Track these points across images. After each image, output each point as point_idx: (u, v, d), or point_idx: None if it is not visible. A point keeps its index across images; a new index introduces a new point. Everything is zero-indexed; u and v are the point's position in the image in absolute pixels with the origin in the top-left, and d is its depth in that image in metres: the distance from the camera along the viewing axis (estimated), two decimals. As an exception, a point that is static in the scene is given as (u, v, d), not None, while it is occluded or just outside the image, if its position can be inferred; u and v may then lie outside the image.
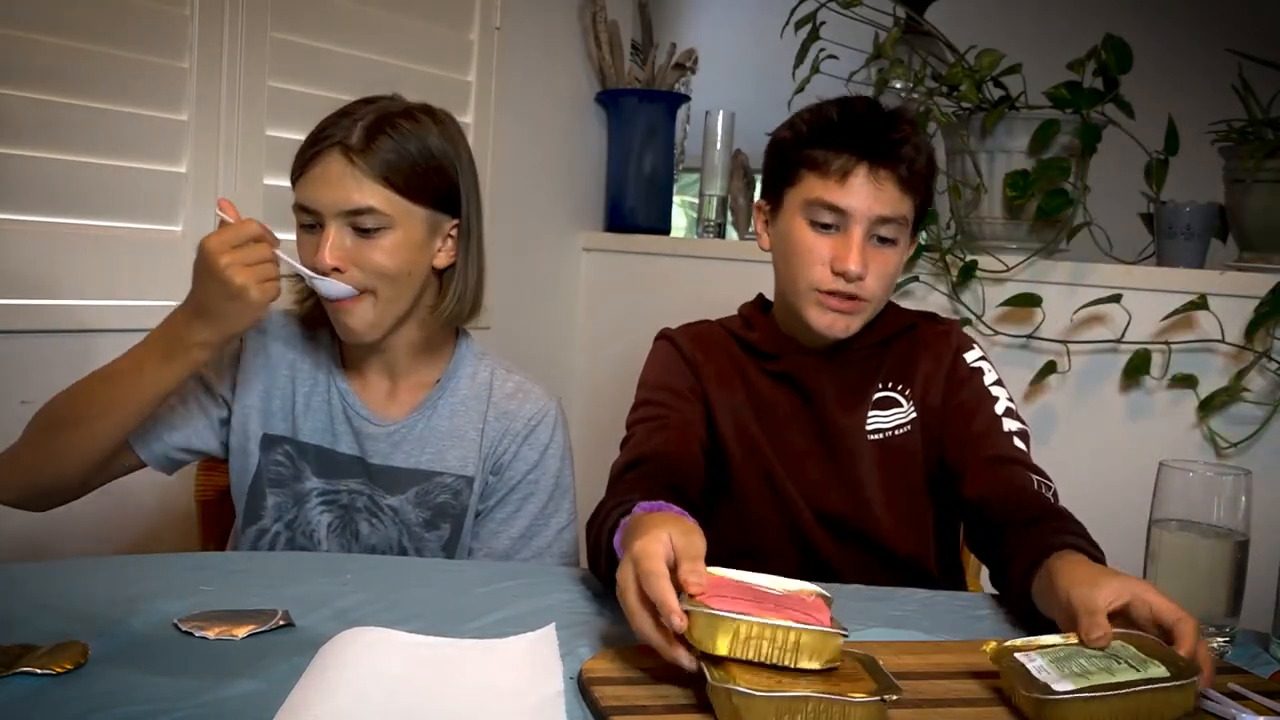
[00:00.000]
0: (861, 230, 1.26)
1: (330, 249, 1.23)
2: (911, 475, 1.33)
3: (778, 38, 2.09)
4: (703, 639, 0.80)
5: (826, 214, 1.27)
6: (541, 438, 1.37)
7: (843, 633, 0.82)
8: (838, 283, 1.27)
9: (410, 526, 1.35)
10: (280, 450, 1.35)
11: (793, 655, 0.80)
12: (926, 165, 1.30)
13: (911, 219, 1.30)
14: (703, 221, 2.55)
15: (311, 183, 1.24)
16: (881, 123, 1.28)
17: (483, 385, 1.38)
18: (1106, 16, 2.18)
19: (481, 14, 2.26)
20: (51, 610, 0.95)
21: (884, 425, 1.33)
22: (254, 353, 1.36)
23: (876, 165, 1.25)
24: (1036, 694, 0.81)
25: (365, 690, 0.82)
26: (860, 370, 1.35)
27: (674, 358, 1.39)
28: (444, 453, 1.35)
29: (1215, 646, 1.03)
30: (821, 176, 1.27)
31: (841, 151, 1.26)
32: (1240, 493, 1.04)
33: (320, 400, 1.36)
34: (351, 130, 1.24)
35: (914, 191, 1.29)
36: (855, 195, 1.26)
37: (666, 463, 1.23)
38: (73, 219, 1.66)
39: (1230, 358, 1.88)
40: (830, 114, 1.29)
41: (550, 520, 1.37)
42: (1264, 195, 1.85)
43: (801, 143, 1.30)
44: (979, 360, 1.36)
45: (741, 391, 1.36)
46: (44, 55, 1.59)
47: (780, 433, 1.34)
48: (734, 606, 0.81)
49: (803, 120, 1.31)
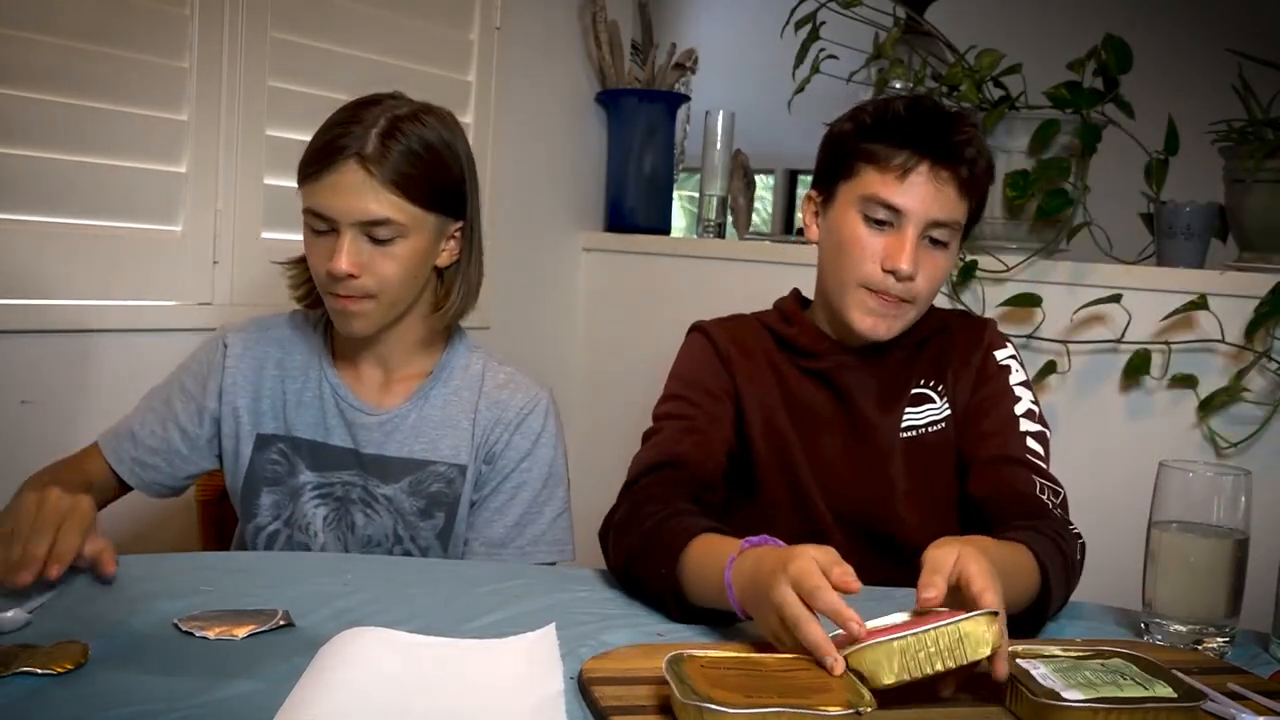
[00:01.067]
0: (915, 230, 1.24)
1: (347, 257, 1.25)
2: (943, 473, 1.32)
3: (778, 38, 2.08)
4: (874, 671, 0.80)
5: (882, 210, 1.25)
6: (534, 426, 1.38)
7: (994, 611, 0.82)
8: (887, 281, 1.25)
9: (405, 515, 1.36)
10: (274, 449, 1.37)
11: (961, 650, 0.80)
12: (986, 170, 1.29)
13: (964, 224, 1.29)
14: (703, 221, 2.55)
15: (326, 190, 1.25)
16: (947, 122, 1.26)
17: (475, 376, 1.40)
18: (1106, 16, 2.18)
19: (481, 14, 2.26)
20: (51, 610, 0.95)
21: (918, 422, 1.32)
22: (238, 356, 1.38)
23: (938, 165, 1.24)
24: (1045, 699, 0.81)
25: (365, 690, 0.82)
26: (898, 369, 1.34)
27: (708, 353, 1.37)
28: (437, 442, 1.37)
29: (1215, 646, 1.03)
30: (881, 172, 1.25)
31: (904, 148, 1.24)
32: (1240, 493, 1.04)
33: (312, 395, 1.38)
34: (366, 139, 1.25)
35: (970, 196, 1.27)
36: (913, 194, 1.24)
37: (693, 471, 1.23)
38: (72, 219, 1.66)
39: (1230, 358, 1.88)
40: (897, 109, 1.27)
41: (544, 509, 1.38)
42: (1264, 195, 1.85)
43: (864, 135, 1.27)
44: (1009, 359, 1.34)
45: (775, 389, 1.34)
46: (44, 55, 1.59)
47: (811, 432, 1.33)
48: (884, 634, 0.82)
49: (866, 113, 1.29)
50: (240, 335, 1.40)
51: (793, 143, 2.52)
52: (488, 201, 1.45)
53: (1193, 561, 1.05)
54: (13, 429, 1.62)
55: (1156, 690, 0.84)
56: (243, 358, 1.38)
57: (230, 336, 1.40)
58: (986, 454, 1.27)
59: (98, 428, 1.71)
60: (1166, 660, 0.93)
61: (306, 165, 1.28)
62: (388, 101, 1.31)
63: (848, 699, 0.78)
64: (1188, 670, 0.90)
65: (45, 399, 1.64)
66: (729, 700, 0.76)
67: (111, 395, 1.72)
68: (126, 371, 1.73)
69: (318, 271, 1.29)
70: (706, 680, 0.80)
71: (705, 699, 0.76)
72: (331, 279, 1.26)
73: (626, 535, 1.13)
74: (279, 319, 1.43)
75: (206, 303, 1.82)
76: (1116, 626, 1.11)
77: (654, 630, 1.01)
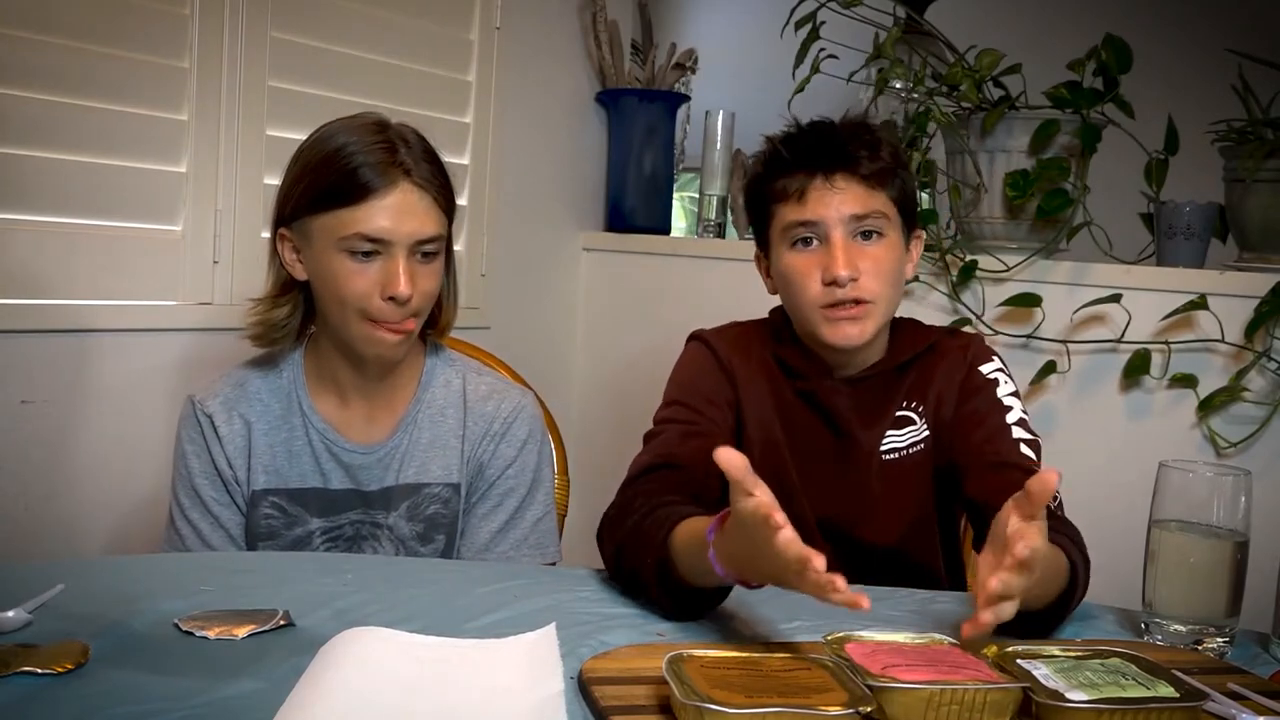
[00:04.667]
0: (840, 234, 1.28)
1: (408, 278, 1.26)
2: (920, 490, 1.35)
3: (778, 38, 2.08)
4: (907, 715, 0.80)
5: (803, 230, 1.29)
6: (518, 434, 1.39)
7: (1024, 685, 0.83)
8: (834, 292, 1.27)
9: (405, 542, 1.36)
10: (267, 503, 1.35)
11: (980, 714, 0.81)
12: (891, 158, 1.31)
13: (893, 211, 1.31)
14: (703, 221, 2.55)
15: (382, 213, 1.25)
16: (825, 135, 1.32)
17: (456, 393, 1.40)
18: (1106, 16, 2.17)
19: (481, 14, 2.26)
20: (51, 610, 0.95)
21: (899, 444, 1.35)
22: (226, 422, 1.35)
23: (830, 174, 1.28)
24: (1049, 699, 0.81)
25: (365, 690, 0.82)
26: (880, 393, 1.36)
27: (710, 362, 1.39)
28: (429, 464, 1.37)
29: (1215, 646, 1.03)
30: (785, 202, 1.31)
31: (795, 173, 1.30)
32: (1240, 493, 1.04)
33: (301, 444, 1.36)
34: (411, 159, 1.27)
35: (881, 185, 1.29)
36: (819, 205, 1.28)
37: (690, 474, 1.24)
38: (72, 219, 1.66)
39: (1230, 358, 1.88)
40: (775, 146, 1.33)
41: (526, 513, 1.39)
42: (1264, 195, 1.85)
43: (763, 181, 1.34)
44: (995, 372, 1.36)
45: (771, 400, 1.37)
46: (44, 55, 1.59)
47: (801, 444, 1.36)
48: (919, 676, 0.82)
49: (757, 161, 1.36)
50: (217, 400, 1.36)
51: (793, 143, 2.51)
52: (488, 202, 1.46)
53: (1193, 561, 1.05)
54: (13, 429, 1.62)
55: (1158, 690, 0.84)
56: (231, 421, 1.35)
57: (209, 405, 1.35)
58: (983, 461, 1.28)
59: (97, 428, 1.72)
60: (1166, 660, 0.92)
61: (343, 192, 1.25)
62: (393, 122, 1.32)
63: (848, 699, 0.78)
64: (1188, 670, 0.90)
65: (45, 399, 1.65)
66: (729, 700, 0.76)
67: (111, 395, 1.72)
68: (126, 371, 1.73)
69: (357, 298, 1.26)
70: (706, 680, 0.80)
71: (705, 699, 0.76)
72: (390, 305, 1.26)
73: (617, 529, 1.14)
74: (243, 372, 1.39)
75: (206, 303, 1.82)
76: (1116, 626, 1.11)
77: (654, 630, 1.01)
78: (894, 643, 0.91)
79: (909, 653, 0.88)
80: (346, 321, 1.28)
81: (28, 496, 1.64)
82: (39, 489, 1.65)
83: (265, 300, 1.35)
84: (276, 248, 1.33)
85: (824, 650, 0.89)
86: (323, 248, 1.27)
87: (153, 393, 1.76)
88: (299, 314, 1.36)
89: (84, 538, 1.70)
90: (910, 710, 0.80)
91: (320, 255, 1.27)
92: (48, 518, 1.67)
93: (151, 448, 1.75)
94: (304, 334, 1.39)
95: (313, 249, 1.28)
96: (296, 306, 1.35)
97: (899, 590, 1.19)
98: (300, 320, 1.36)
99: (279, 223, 1.32)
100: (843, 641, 0.90)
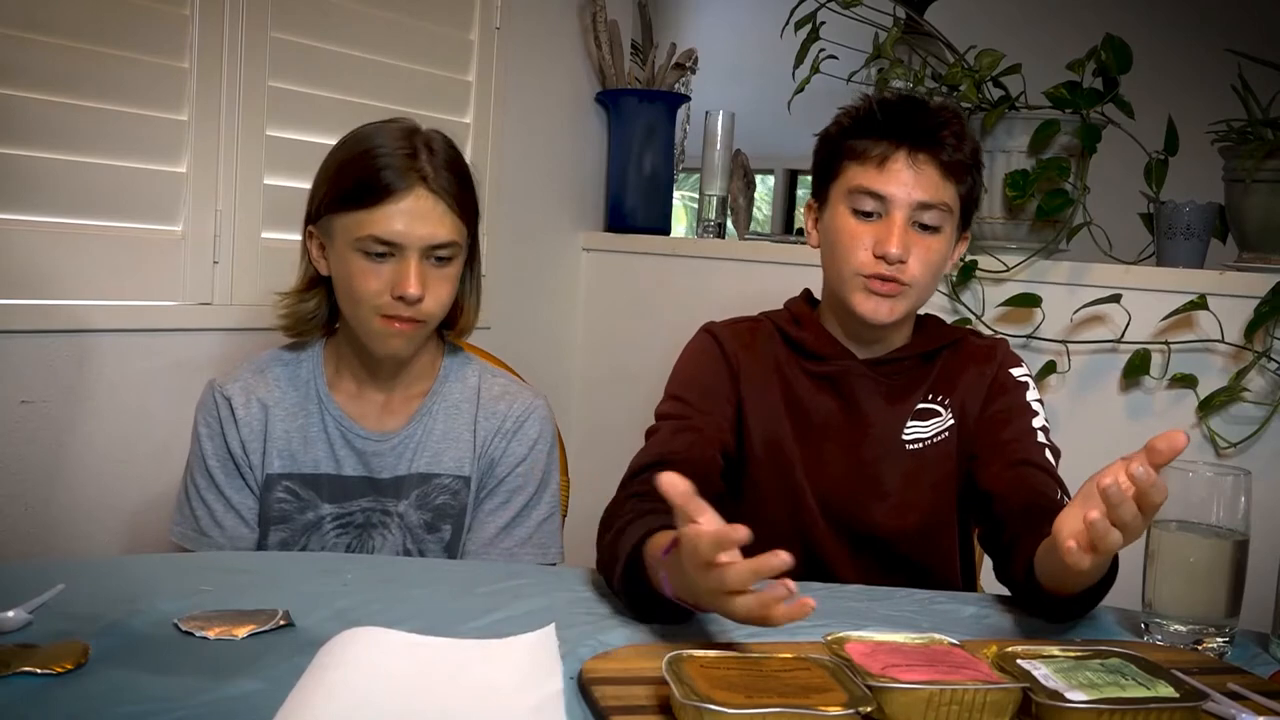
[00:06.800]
0: (903, 215, 1.28)
1: (418, 280, 1.28)
2: (944, 485, 1.34)
3: (778, 38, 2.09)
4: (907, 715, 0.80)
5: (868, 201, 1.29)
6: (530, 433, 1.41)
7: (1024, 686, 0.83)
8: (880, 266, 1.28)
9: (413, 530, 1.37)
10: (280, 488, 1.37)
11: (979, 714, 0.81)
12: (971, 154, 1.32)
13: (956, 208, 1.31)
14: (703, 221, 2.55)
15: (397, 217, 1.27)
16: (919, 111, 1.31)
17: (471, 388, 1.42)
18: (1106, 16, 2.18)
19: (481, 14, 2.26)
20: (51, 610, 0.95)
21: (922, 435, 1.34)
22: (244, 405, 1.37)
23: (916, 151, 1.28)
24: (1049, 700, 0.81)
25: (365, 690, 0.82)
26: (905, 380, 1.36)
27: (714, 354, 1.39)
28: (441, 455, 1.39)
29: (1215, 646, 1.03)
30: (862, 164, 1.30)
31: (881, 139, 1.29)
32: (1240, 493, 1.04)
33: (317, 430, 1.38)
34: (431, 165, 1.29)
35: (955, 178, 1.30)
36: (894, 181, 1.28)
37: (684, 469, 1.22)
38: (73, 219, 1.66)
39: (1230, 358, 1.88)
40: (873, 106, 1.32)
41: (531, 513, 1.40)
42: (1264, 195, 1.85)
43: (845, 134, 1.33)
44: (1025, 376, 1.37)
45: (778, 392, 1.36)
46: (44, 55, 1.59)
47: (811, 437, 1.35)
48: (919, 676, 0.82)
49: (845, 114, 1.35)
50: (237, 384, 1.38)
51: (793, 143, 2.52)
52: (488, 202, 1.46)
53: (1192, 561, 1.05)
54: (13, 429, 1.62)
55: (1158, 690, 0.84)
56: (249, 405, 1.37)
57: (227, 388, 1.38)
58: (1005, 457, 1.28)
59: (97, 428, 1.72)
60: (1166, 660, 0.93)
61: (362, 194, 1.27)
62: (421, 126, 1.34)
63: (848, 699, 0.78)
64: (1187, 670, 0.90)
65: (45, 399, 1.65)
66: (729, 700, 0.76)
67: (111, 395, 1.72)
68: (126, 371, 1.73)
69: (370, 296, 1.29)
70: (706, 680, 0.80)
71: (705, 699, 0.76)
72: (401, 303, 1.28)
73: (605, 533, 1.14)
74: (264, 359, 1.42)
75: (206, 303, 1.82)
76: (1116, 626, 1.11)
77: (654, 630, 1.01)
78: (894, 643, 0.91)
79: (909, 653, 0.88)
80: (360, 318, 1.32)
81: (28, 496, 1.64)
82: (39, 489, 1.65)
83: (292, 294, 1.39)
84: (306, 243, 1.36)
85: (824, 650, 0.89)
86: (342, 246, 1.30)
87: (152, 393, 1.76)
88: (325, 307, 1.40)
89: (84, 538, 1.70)
90: (910, 710, 0.80)
91: (339, 253, 1.31)
92: (47, 518, 1.67)
93: (151, 448, 1.75)
94: (331, 326, 1.42)
95: (334, 246, 1.32)
96: (323, 300, 1.39)
97: (899, 590, 1.19)
98: (328, 313, 1.40)
99: (308, 220, 1.35)
100: (843, 641, 0.90)
